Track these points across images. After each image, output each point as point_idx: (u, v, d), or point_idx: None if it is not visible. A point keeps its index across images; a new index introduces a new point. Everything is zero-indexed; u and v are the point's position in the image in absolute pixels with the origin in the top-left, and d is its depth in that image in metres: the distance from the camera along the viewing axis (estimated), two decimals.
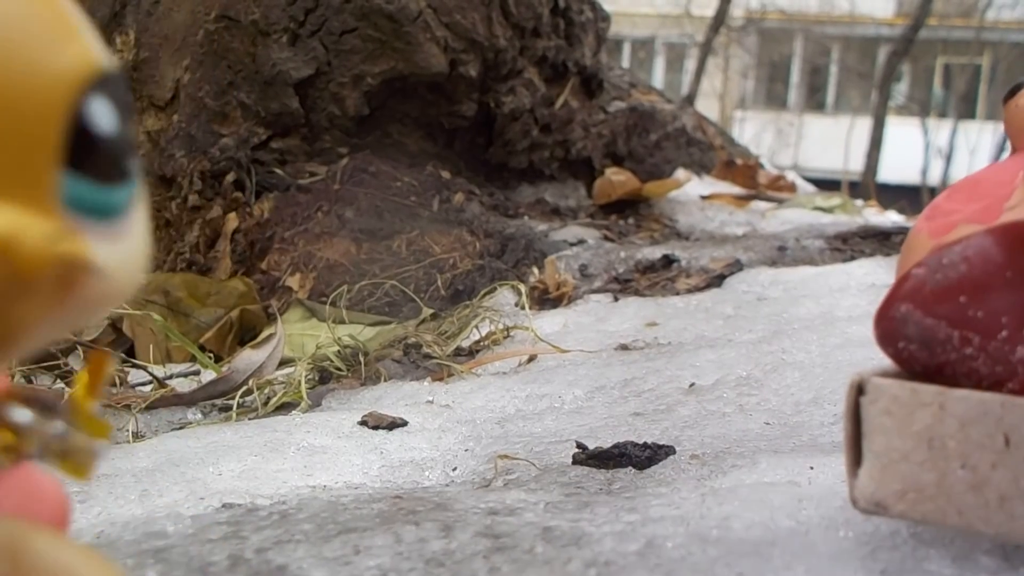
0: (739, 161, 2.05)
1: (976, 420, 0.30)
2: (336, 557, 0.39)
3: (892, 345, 0.33)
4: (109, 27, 1.44)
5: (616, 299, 1.11)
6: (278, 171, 1.37)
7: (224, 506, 0.50)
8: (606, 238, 1.42)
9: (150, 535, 0.45)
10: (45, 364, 0.88)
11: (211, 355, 1.03)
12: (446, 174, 1.46)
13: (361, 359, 0.92)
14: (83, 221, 0.20)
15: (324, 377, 0.91)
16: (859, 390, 0.33)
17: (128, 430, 0.76)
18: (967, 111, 11.55)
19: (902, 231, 1.35)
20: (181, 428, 0.78)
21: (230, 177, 1.36)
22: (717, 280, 1.15)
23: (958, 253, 0.31)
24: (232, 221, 1.32)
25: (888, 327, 0.33)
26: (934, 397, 0.31)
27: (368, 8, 1.37)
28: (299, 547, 0.41)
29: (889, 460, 0.32)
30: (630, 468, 0.55)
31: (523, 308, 1.04)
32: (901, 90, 11.54)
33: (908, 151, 10.34)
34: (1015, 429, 0.30)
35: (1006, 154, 0.41)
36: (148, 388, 0.89)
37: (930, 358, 0.32)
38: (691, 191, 1.75)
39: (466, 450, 0.65)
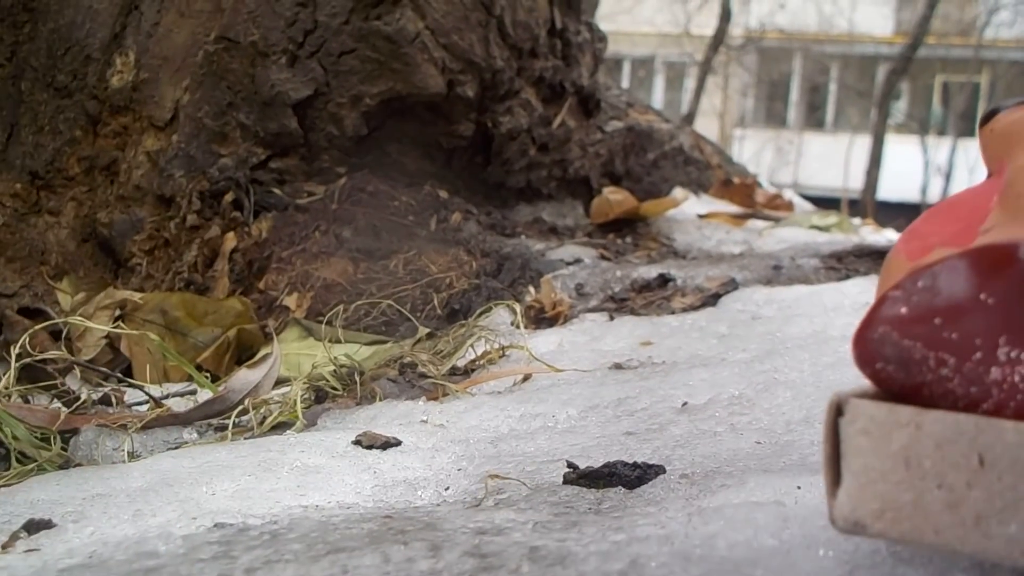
0: (736, 180, 2.06)
1: (951, 440, 0.31)
2: None
3: (870, 366, 0.33)
4: (109, 48, 1.45)
5: (611, 318, 1.12)
6: (276, 191, 1.38)
7: (216, 526, 0.51)
8: (603, 257, 1.42)
9: (142, 555, 0.45)
10: (42, 384, 0.88)
11: (208, 375, 1.03)
12: (444, 193, 1.47)
13: (357, 378, 0.92)
14: None
15: (320, 396, 0.91)
16: (838, 410, 0.33)
17: (124, 450, 0.77)
18: (966, 129, 11.58)
19: None
20: (176, 448, 0.78)
21: (229, 197, 1.37)
22: (712, 299, 1.15)
23: (933, 276, 0.32)
24: (230, 241, 1.33)
25: (866, 348, 0.33)
26: (911, 417, 0.31)
27: (366, 30, 1.38)
28: (288, 567, 0.41)
29: (867, 480, 0.32)
30: (620, 487, 0.56)
31: (518, 327, 1.05)
32: (900, 108, 11.58)
33: (907, 169, 10.37)
34: (989, 449, 0.30)
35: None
36: (144, 408, 0.90)
37: (907, 379, 0.32)
38: (688, 210, 1.76)
39: (459, 469, 0.65)
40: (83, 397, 0.88)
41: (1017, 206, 0.33)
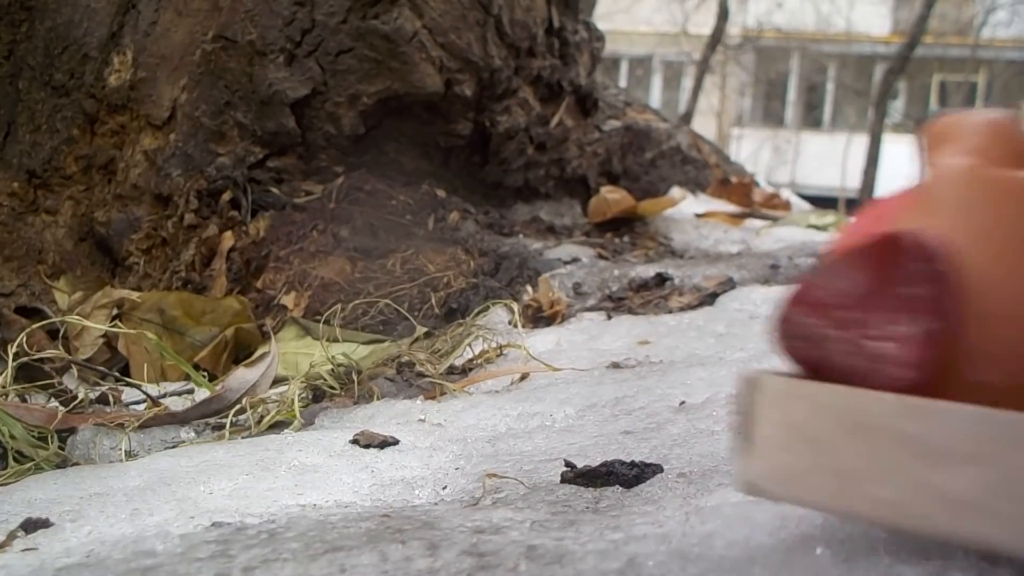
0: (734, 179, 2.06)
1: (838, 411, 0.34)
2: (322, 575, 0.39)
3: (785, 344, 0.37)
4: (107, 47, 1.45)
5: (609, 317, 1.12)
6: (274, 190, 1.38)
7: (213, 525, 0.51)
8: (600, 256, 1.42)
9: (139, 554, 0.45)
10: (39, 383, 0.88)
11: (205, 373, 1.03)
12: (442, 192, 1.47)
13: (354, 377, 0.92)
14: None
15: (317, 395, 0.91)
16: (751, 386, 0.36)
17: (121, 449, 0.77)
18: None
19: None
20: (174, 447, 0.78)
21: (226, 196, 1.37)
22: (710, 298, 1.15)
23: (836, 264, 0.36)
24: (228, 240, 1.33)
25: (782, 329, 0.37)
26: (807, 391, 0.35)
27: (364, 29, 1.38)
28: (286, 566, 0.41)
29: (770, 448, 0.35)
30: (617, 486, 0.56)
31: (516, 326, 1.05)
32: (897, 107, 11.59)
33: (905, 168, 10.37)
34: (865, 417, 0.34)
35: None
36: (142, 407, 0.90)
37: (813, 355, 0.36)
38: (686, 209, 1.76)
39: (456, 468, 0.65)
40: (80, 396, 0.88)
41: (928, 199, 0.36)
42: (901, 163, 10.37)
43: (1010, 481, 0.31)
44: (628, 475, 0.56)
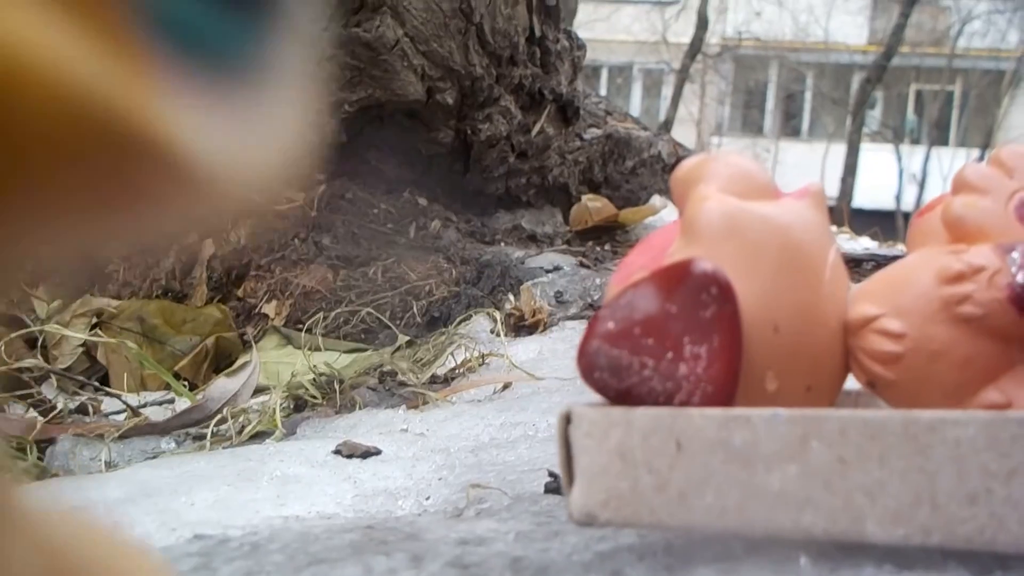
0: None
1: (654, 431, 0.36)
2: None
3: (590, 377, 0.38)
4: None
5: None
6: (255, 197, 1.37)
7: (195, 537, 0.50)
8: (582, 264, 1.42)
9: None
10: (18, 393, 0.87)
11: (186, 383, 1.03)
12: (423, 201, 1.47)
13: (336, 387, 0.92)
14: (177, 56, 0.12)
15: (299, 405, 0.91)
16: (567, 420, 0.38)
17: (101, 459, 0.76)
18: (940, 137, 11.71)
19: (873, 258, 1.37)
20: (155, 457, 0.77)
21: None
22: None
23: (631, 294, 0.38)
24: (208, 247, 1.32)
25: (586, 362, 0.38)
26: (622, 416, 0.37)
27: (346, 36, 1.38)
28: None
29: (592, 475, 0.37)
30: None
31: (498, 335, 1.05)
32: (875, 116, 11.68)
33: (882, 176, 10.46)
34: (683, 434, 0.36)
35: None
36: (122, 417, 0.89)
37: (619, 383, 0.38)
38: (667, 217, 1.76)
39: (439, 479, 0.65)
40: (59, 406, 0.88)
41: (690, 231, 0.39)
42: (878, 171, 10.46)
43: (821, 470, 0.34)
44: None
